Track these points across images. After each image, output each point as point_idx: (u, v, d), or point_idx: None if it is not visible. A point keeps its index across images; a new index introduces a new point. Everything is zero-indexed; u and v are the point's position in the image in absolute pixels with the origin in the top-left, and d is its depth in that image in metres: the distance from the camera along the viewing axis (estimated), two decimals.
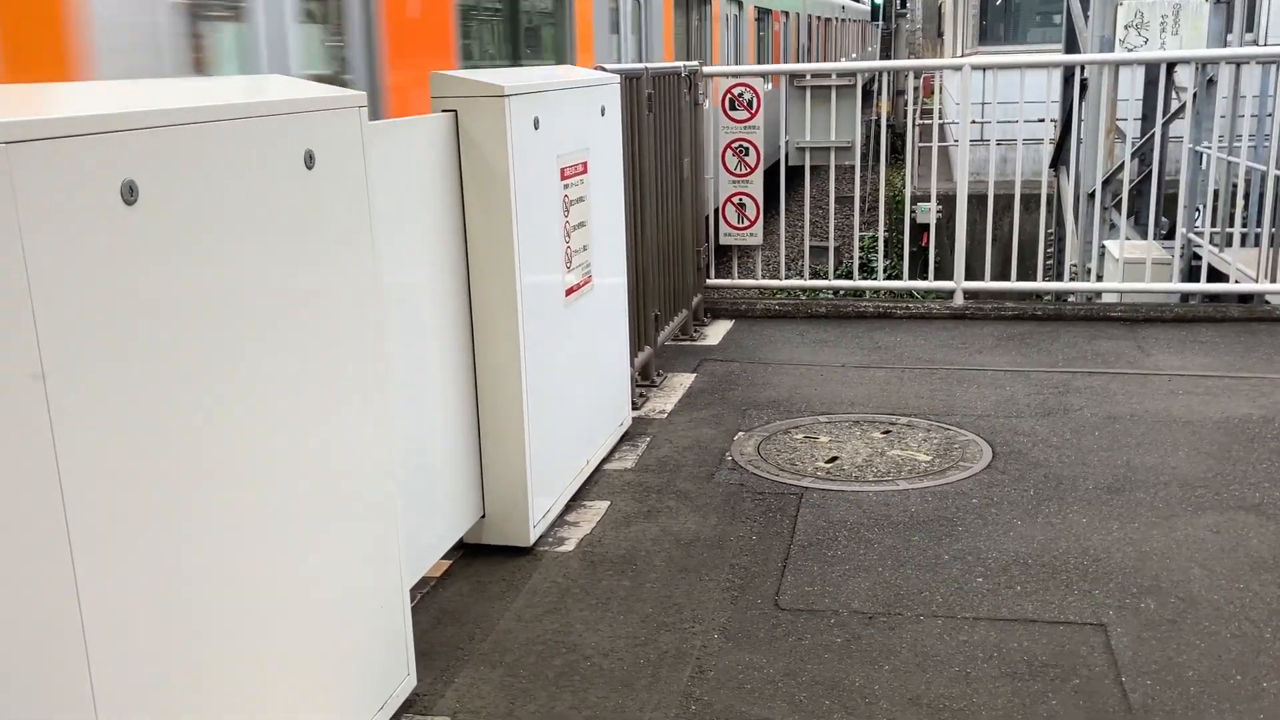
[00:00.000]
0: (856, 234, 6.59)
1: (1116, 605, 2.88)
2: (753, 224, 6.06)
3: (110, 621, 1.55)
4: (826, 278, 6.50)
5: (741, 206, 6.03)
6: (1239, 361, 5.01)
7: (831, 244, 6.37)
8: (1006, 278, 6.15)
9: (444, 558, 3.16)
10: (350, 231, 2.19)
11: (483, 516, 3.28)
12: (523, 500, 3.25)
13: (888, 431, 4.23)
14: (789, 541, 3.30)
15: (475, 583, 3.11)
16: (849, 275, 7.82)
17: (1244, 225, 7.47)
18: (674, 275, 5.25)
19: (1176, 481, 3.67)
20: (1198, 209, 8.60)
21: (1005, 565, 3.12)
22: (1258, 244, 6.65)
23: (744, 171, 5.96)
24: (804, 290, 6.86)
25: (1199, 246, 7.76)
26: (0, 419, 1.37)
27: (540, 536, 3.35)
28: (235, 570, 1.85)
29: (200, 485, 1.76)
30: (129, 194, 1.57)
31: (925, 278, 6.50)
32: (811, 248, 6.52)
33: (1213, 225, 8.04)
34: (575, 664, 2.68)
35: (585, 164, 3.66)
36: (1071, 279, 9.04)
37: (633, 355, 4.44)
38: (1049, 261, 10.61)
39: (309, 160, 2.02)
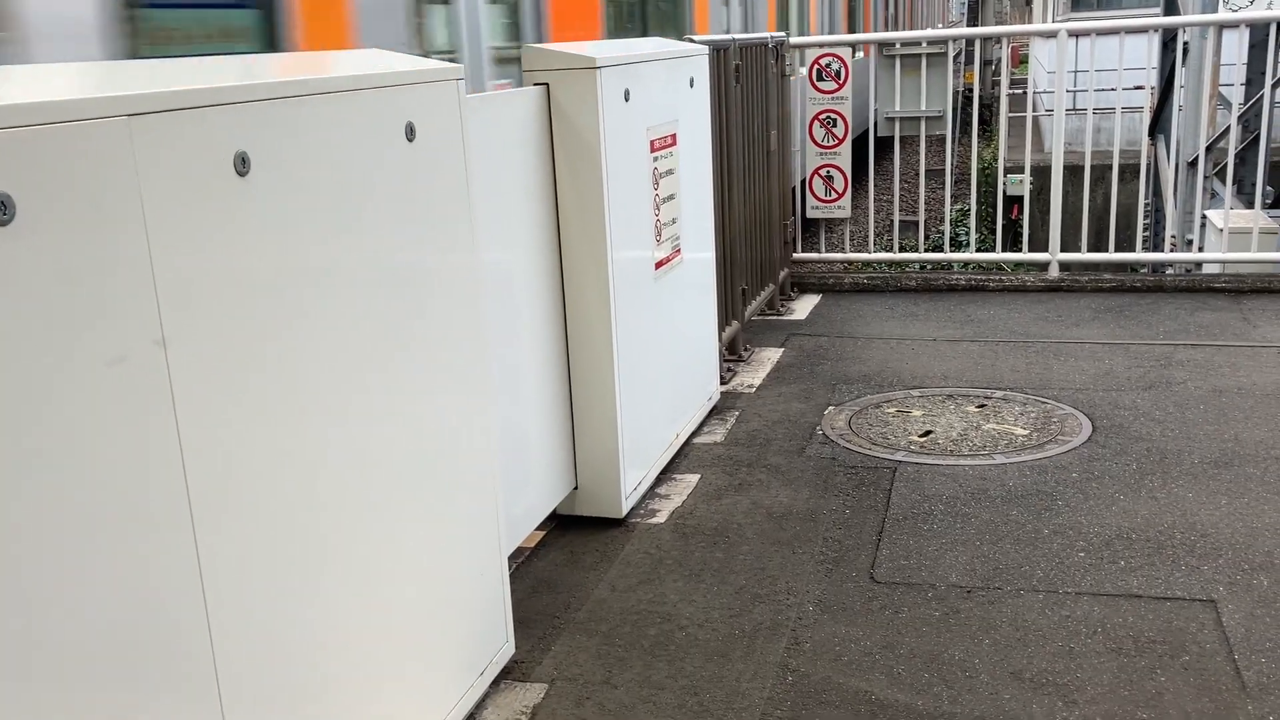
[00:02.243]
0: (949, 205, 6.45)
1: (1227, 581, 2.79)
2: (840, 196, 5.98)
3: (228, 582, 1.60)
4: (915, 251, 6.39)
5: (829, 179, 5.95)
6: None
7: (922, 216, 6.25)
8: (1101, 250, 5.98)
9: (538, 529, 3.19)
10: (449, 203, 2.21)
11: (575, 488, 3.31)
12: (614, 472, 3.27)
13: (983, 405, 4.15)
14: (883, 515, 3.27)
15: (569, 553, 3.14)
16: (939, 248, 7.67)
17: None
18: (761, 249, 5.21)
19: None
20: None
21: (1108, 540, 3.04)
22: None
23: (832, 143, 5.87)
24: (892, 263, 6.75)
25: None
26: (125, 385, 1.41)
27: (632, 508, 3.36)
28: (344, 536, 1.89)
29: (311, 453, 1.80)
30: (241, 165, 1.60)
31: (1018, 250, 6.35)
32: (900, 221, 6.41)
33: None
34: (670, 634, 2.69)
35: (674, 136, 3.64)
36: (1171, 250, 8.74)
37: (720, 329, 4.42)
38: (1146, 232, 10.27)
39: (410, 132, 2.04)
